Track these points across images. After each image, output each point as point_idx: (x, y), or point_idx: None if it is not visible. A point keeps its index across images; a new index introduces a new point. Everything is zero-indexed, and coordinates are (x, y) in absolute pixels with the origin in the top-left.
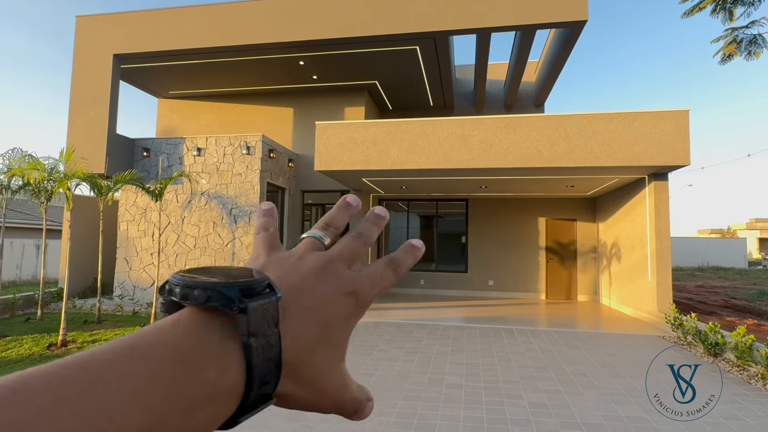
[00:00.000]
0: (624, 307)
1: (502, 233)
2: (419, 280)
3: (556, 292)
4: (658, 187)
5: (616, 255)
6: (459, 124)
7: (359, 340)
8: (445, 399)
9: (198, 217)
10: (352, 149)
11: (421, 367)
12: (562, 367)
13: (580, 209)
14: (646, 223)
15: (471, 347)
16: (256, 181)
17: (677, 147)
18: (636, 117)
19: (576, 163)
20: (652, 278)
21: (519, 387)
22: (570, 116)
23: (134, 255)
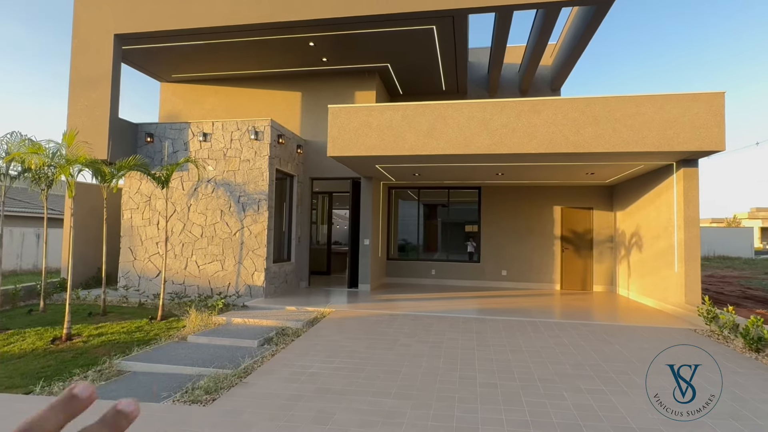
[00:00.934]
0: (645, 299)
1: (516, 222)
2: (430, 270)
3: (571, 283)
4: (687, 173)
5: (637, 244)
6: (480, 108)
7: (378, 334)
8: (482, 399)
9: (204, 205)
10: (367, 134)
11: (449, 364)
12: (598, 364)
13: (597, 197)
14: (672, 211)
15: (497, 341)
16: (265, 168)
17: (712, 131)
18: (667, 99)
19: (603, 149)
20: (680, 269)
21: (558, 386)
22: (597, 99)
23: (139, 244)
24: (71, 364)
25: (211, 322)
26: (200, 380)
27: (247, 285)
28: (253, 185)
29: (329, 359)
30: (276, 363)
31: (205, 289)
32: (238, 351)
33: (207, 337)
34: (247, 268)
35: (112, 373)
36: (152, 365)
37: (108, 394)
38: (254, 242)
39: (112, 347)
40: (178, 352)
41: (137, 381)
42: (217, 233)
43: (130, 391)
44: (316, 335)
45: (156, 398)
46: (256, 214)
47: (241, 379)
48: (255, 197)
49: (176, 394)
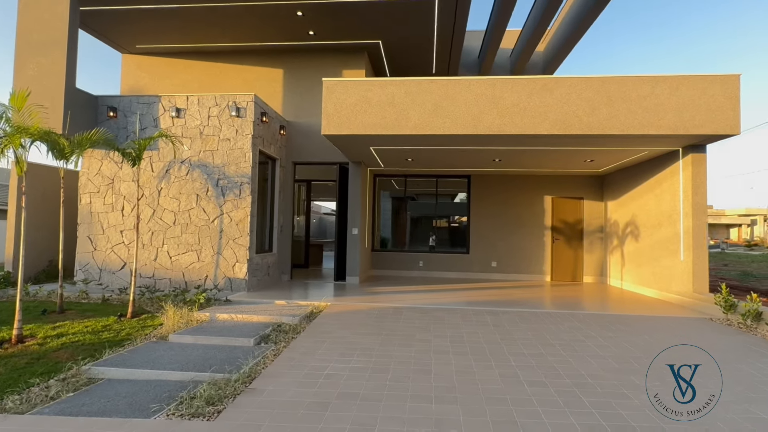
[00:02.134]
0: (643, 289)
1: (506, 212)
2: (418, 261)
3: (562, 274)
4: (696, 159)
5: (632, 234)
6: (489, 85)
7: (388, 329)
8: (538, 401)
9: (178, 189)
10: (366, 111)
11: (480, 361)
12: (638, 357)
13: (588, 187)
14: (678, 199)
15: (521, 335)
16: (247, 148)
17: (727, 114)
18: (683, 81)
19: (618, 131)
20: (686, 257)
21: (612, 383)
22: (612, 78)
23: (99, 233)
24: (26, 372)
25: (192, 319)
26: (196, 387)
27: (228, 278)
28: (234, 167)
29: (343, 358)
30: (282, 364)
31: (178, 283)
32: (232, 351)
33: (192, 336)
34: (227, 259)
35: (81, 381)
36: (130, 371)
37: (80, 410)
38: (235, 230)
39: (77, 350)
40: (160, 354)
41: (114, 390)
42: (193, 220)
43: (107, 404)
44: (319, 331)
45: (144, 412)
46: (238, 199)
47: (246, 384)
48: (236, 180)
49: (169, 405)
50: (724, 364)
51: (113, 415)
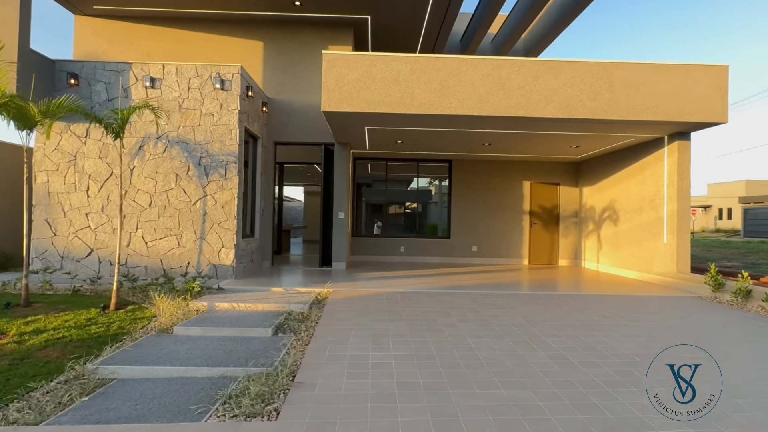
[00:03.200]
0: (622, 271)
1: (487, 197)
2: (399, 246)
3: (539, 257)
4: (681, 146)
5: (611, 218)
6: (495, 66)
7: (406, 314)
8: (604, 382)
9: (153, 168)
10: (370, 87)
11: (519, 344)
12: (663, 335)
13: (564, 173)
14: (662, 183)
15: (538, 316)
16: (233, 124)
17: (717, 104)
18: (678, 69)
19: (618, 116)
20: (670, 239)
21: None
22: (614, 63)
23: (60, 216)
24: (14, 375)
25: (189, 310)
26: (231, 384)
27: (212, 264)
28: (219, 145)
29: (379, 346)
30: (316, 355)
31: (156, 271)
32: (250, 343)
33: (200, 328)
34: (212, 245)
35: (91, 383)
36: (148, 368)
37: (107, 416)
38: (221, 214)
39: (66, 347)
40: (172, 348)
41: (136, 391)
42: (172, 202)
43: (138, 408)
44: (336, 319)
45: (187, 415)
46: (223, 179)
47: (290, 378)
48: (221, 159)
49: (213, 406)
50: (706, 331)
51: (153, 420)
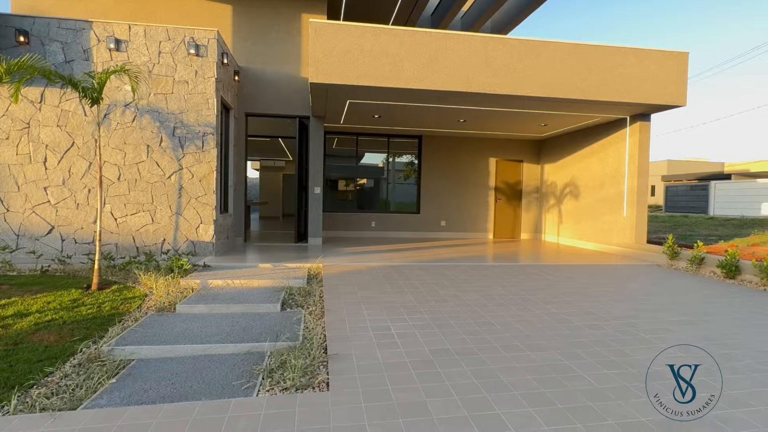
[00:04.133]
0: (581, 242)
1: (455, 173)
2: (370, 222)
3: (503, 231)
4: (642, 126)
5: (572, 194)
6: (482, 43)
7: (407, 286)
8: (613, 341)
9: (122, 138)
10: (359, 59)
11: (525, 310)
12: (641, 297)
13: (527, 151)
14: (624, 161)
15: (528, 285)
16: (210, 93)
17: (679, 88)
18: (647, 54)
19: (594, 97)
20: (630, 213)
21: (648, 320)
22: (590, 46)
23: (12, 190)
24: (17, 360)
25: (183, 288)
26: (265, 360)
27: (190, 241)
28: (195, 115)
29: (396, 317)
30: (337, 328)
31: (128, 249)
32: (263, 319)
33: (205, 306)
34: (189, 221)
35: (112, 365)
36: (166, 347)
37: (148, 396)
38: (198, 188)
39: (61, 330)
40: (182, 327)
41: (167, 370)
42: (144, 176)
43: (179, 387)
44: (340, 293)
45: (234, 390)
46: (200, 152)
47: (322, 351)
48: (197, 131)
49: (255, 381)
50: (674, 294)
51: (201, 397)
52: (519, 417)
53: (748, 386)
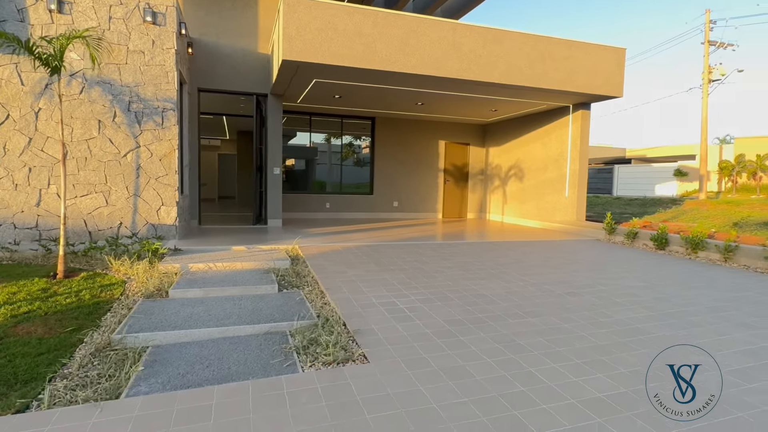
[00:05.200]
0: (525, 221)
1: (407, 155)
2: (325, 203)
3: (451, 211)
4: (584, 115)
5: (516, 176)
6: (451, 29)
7: (395, 265)
8: (595, 305)
9: (68, 112)
10: (333, 39)
11: (507, 282)
12: (590, 263)
13: (473, 134)
14: (566, 146)
15: (504, 260)
16: (170, 66)
17: (618, 80)
18: (591, 48)
19: (548, 86)
20: (571, 194)
21: (608, 280)
22: (543, 37)
23: None
24: (15, 355)
25: (163, 273)
26: (290, 339)
27: (151, 224)
28: (153, 89)
29: (397, 293)
30: (346, 305)
31: (79, 233)
32: (264, 300)
33: (200, 290)
34: (149, 203)
35: (130, 352)
36: (182, 332)
37: (190, 380)
38: (158, 167)
39: (46, 322)
40: (186, 311)
41: (193, 355)
42: (95, 154)
43: (216, 370)
44: (330, 272)
45: (274, 369)
46: (160, 129)
47: (343, 327)
48: (156, 106)
49: (291, 359)
50: (622, 264)
51: (247, 378)
52: (548, 372)
53: (711, 335)
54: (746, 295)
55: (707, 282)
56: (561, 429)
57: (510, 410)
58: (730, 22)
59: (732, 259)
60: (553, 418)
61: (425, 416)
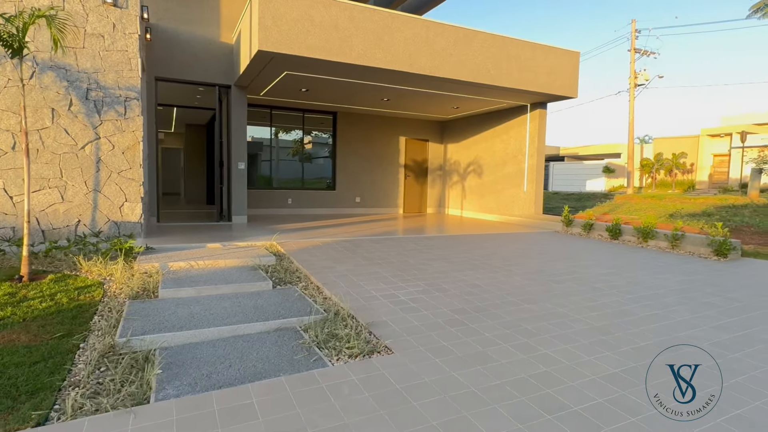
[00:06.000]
0: (484, 215)
1: (369, 150)
2: (287, 199)
3: (411, 207)
4: (541, 114)
5: (475, 171)
6: (424, 26)
7: (380, 259)
8: (580, 291)
9: (14, 99)
10: (310, 31)
11: (495, 272)
12: (572, 257)
13: (431, 131)
14: (524, 143)
15: (483, 252)
16: (133, 52)
17: (573, 81)
18: (551, 50)
19: (512, 85)
20: (529, 188)
21: (585, 266)
22: (508, 39)
23: None
24: (2, 364)
25: (141, 272)
26: (304, 334)
27: (113, 222)
28: (114, 75)
29: (395, 286)
30: (348, 299)
31: (30, 232)
32: (264, 296)
33: (192, 288)
34: (111, 199)
35: (139, 355)
36: (190, 333)
37: (220, 380)
38: (121, 161)
39: (28, 328)
40: (185, 311)
41: (206, 355)
42: (48, 145)
43: (241, 368)
44: (319, 267)
45: (303, 365)
46: (122, 119)
47: (354, 320)
48: (118, 94)
49: (312, 353)
50: (587, 253)
51: (277, 374)
52: (562, 353)
53: (686, 314)
54: (699, 278)
55: (665, 267)
56: (595, 402)
57: (543, 389)
58: (653, 31)
59: (679, 246)
60: (584, 394)
61: (469, 399)
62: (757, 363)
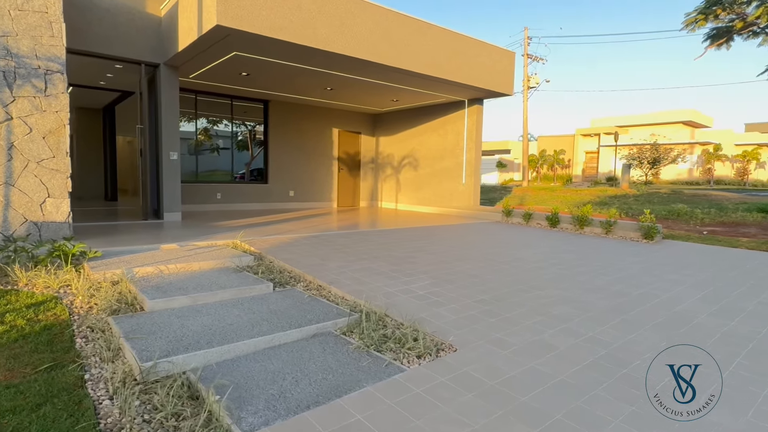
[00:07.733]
0: (420, 207)
1: (302, 142)
2: (215, 193)
3: (345, 200)
4: (478, 109)
5: (411, 165)
6: (384, 15)
7: (365, 254)
8: (561, 275)
9: None
10: (272, 8)
11: (482, 261)
12: (508, 241)
13: (364, 123)
14: (462, 137)
15: (456, 243)
16: (56, 14)
17: (509, 79)
18: (492, 49)
19: (461, 80)
20: (468, 181)
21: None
22: (460, 35)
23: None
24: (13, 395)
25: (102, 282)
26: (351, 338)
27: (32, 222)
28: (30, 42)
29: (398, 281)
30: (367, 297)
31: None
32: (271, 300)
33: (186, 297)
34: (29, 194)
35: (177, 380)
36: (221, 349)
37: (286, 402)
38: (42, 147)
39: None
40: (194, 323)
41: (255, 372)
42: None
43: (315, 384)
44: (304, 264)
45: (376, 373)
46: (43, 96)
47: (390, 317)
48: (36, 66)
49: (378, 357)
50: (542, 240)
51: (361, 385)
52: (605, 334)
53: (664, 292)
54: (650, 258)
55: (614, 251)
56: (671, 379)
57: (620, 369)
58: (542, 40)
59: (612, 232)
60: (659, 368)
61: (567, 388)
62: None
